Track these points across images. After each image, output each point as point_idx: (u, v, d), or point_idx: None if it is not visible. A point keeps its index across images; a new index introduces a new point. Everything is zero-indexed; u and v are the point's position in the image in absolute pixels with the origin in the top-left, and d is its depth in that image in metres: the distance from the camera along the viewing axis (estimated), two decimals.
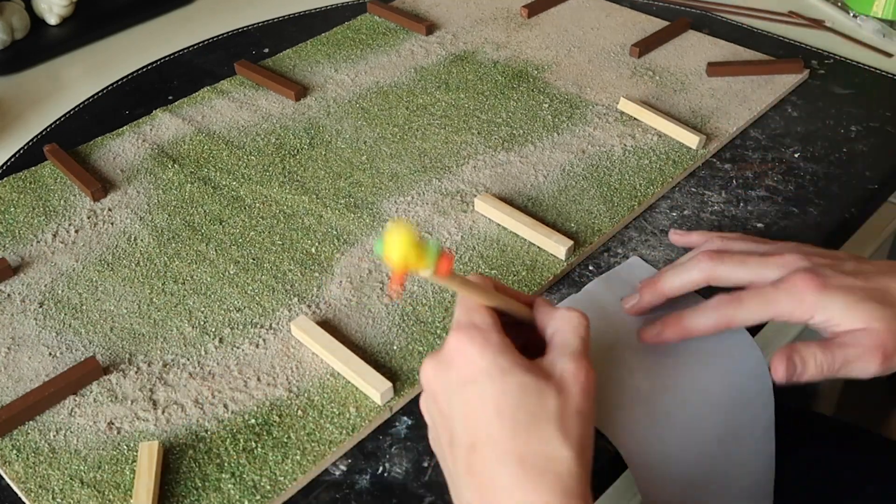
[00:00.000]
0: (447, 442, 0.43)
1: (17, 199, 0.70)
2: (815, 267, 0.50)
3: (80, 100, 0.83)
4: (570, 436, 0.40)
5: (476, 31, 0.90)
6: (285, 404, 0.53)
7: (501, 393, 0.40)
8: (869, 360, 0.48)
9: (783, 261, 0.51)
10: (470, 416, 0.41)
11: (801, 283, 0.49)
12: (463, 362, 0.42)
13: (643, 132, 0.74)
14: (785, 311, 0.49)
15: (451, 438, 0.42)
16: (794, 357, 0.48)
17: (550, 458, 0.39)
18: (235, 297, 0.60)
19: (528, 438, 0.40)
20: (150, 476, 0.48)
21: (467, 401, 0.41)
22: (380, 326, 0.58)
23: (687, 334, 0.52)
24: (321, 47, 0.88)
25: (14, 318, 0.59)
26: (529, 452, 0.39)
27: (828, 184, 0.69)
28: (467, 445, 0.41)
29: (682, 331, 0.52)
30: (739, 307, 0.50)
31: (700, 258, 0.53)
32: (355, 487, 0.49)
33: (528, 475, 0.39)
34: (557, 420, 0.40)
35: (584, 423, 0.41)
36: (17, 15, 0.91)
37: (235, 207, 0.68)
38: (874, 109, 0.78)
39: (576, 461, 0.40)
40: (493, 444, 0.40)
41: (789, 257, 0.51)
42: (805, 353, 0.48)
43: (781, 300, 0.49)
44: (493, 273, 0.61)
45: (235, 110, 0.79)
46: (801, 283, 0.49)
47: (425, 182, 0.70)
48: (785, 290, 0.49)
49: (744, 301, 0.50)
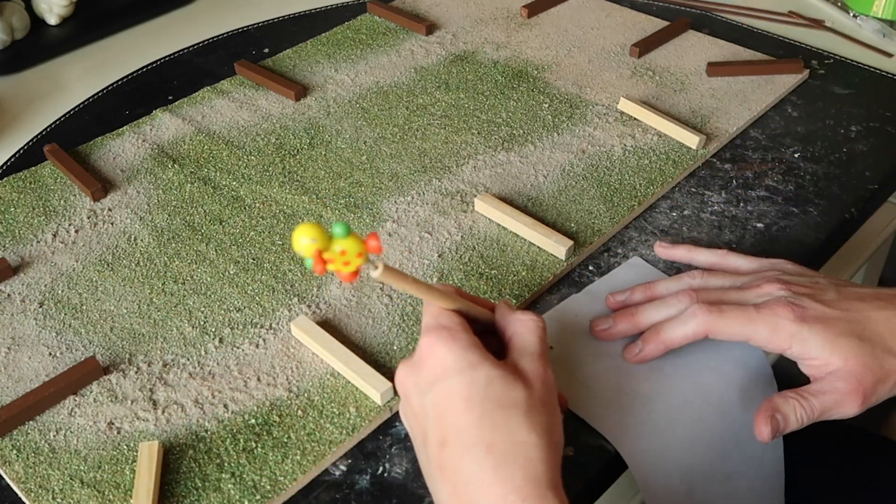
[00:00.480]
0: (421, 442, 0.44)
1: (17, 199, 0.70)
2: (794, 297, 0.50)
3: (80, 100, 0.83)
4: (538, 423, 0.41)
5: (476, 31, 0.90)
6: (285, 404, 0.53)
7: (469, 384, 0.42)
8: (848, 404, 0.48)
9: (761, 292, 0.51)
10: (441, 412, 0.42)
11: (780, 311, 0.49)
12: (433, 362, 0.43)
13: (643, 132, 0.74)
14: (762, 338, 0.49)
15: (425, 438, 0.43)
16: (776, 415, 0.49)
17: (518, 443, 0.40)
18: (235, 297, 0.60)
19: (495, 426, 0.41)
20: (150, 476, 0.48)
21: (437, 397, 0.42)
22: (380, 326, 0.58)
23: (667, 348, 0.52)
24: (321, 47, 0.88)
25: (14, 318, 0.59)
26: (498, 440, 0.40)
27: (828, 184, 0.69)
28: (438, 442, 0.42)
29: (662, 345, 0.52)
30: (720, 317, 0.50)
31: (695, 312, 0.51)
32: (355, 487, 0.49)
33: (497, 462, 0.40)
34: (524, 408, 0.41)
35: (551, 413, 0.42)
36: (17, 15, 0.91)
37: (235, 207, 0.68)
38: (874, 109, 0.78)
39: (545, 448, 0.40)
40: (461, 436, 0.41)
41: (768, 287, 0.51)
42: (785, 409, 0.49)
43: (760, 326, 0.49)
44: (493, 273, 0.61)
45: (235, 110, 0.79)
46: (780, 312, 0.49)
47: (425, 182, 0.70)
48: (763, 318, 0.49)
49: (726, 314, 0.50)
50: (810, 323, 0.48)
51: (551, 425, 0.42)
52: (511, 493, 0.39)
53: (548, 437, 0.41)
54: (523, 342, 0.46)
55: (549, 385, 0.44)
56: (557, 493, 0.40)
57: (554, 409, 0.43)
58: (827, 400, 0.48)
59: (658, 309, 0.53)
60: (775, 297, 0.50)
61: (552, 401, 0.43)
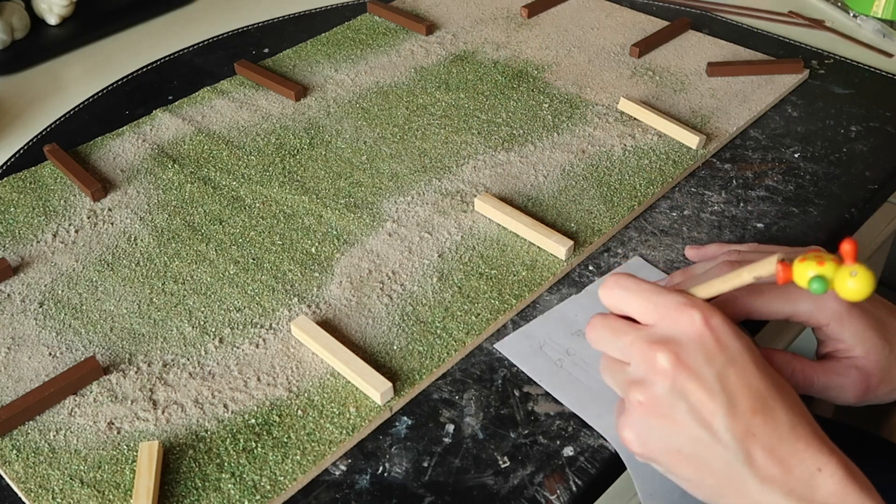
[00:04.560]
0: (709, 414, 0.42)
1: (17, 199, 0.70)
2: None
3: (80, 100, 0.83)
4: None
5: (476, 31, 0.90)
6: (285, 404, 0.53)
7: (754, 354, 0.43)
8: (850, 393, 0.49)
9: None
10: (743, 382, 0.42)
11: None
12: (720, 337, 0.43)
13: (643, 132, 0.74)
14: (804, 312, 0.49)
15: (720, 410, 0.42)
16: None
17: (800, 404, 0.43)
18: (235, 297, 0.60)
19: (785, 390, 0.43)
20: (150, 476, 0.48)
21: (737, 369, 0.43)
22: (380, 326, 0.58)
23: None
24: (321, 47, 0.88)
25: (14, 318, 0.59)
26: (792, 402, 0.43)
27: (828, 184, 0.69)
28: (749, 410, 0.42)
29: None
30: (759, 297, 0.49)
31: (722, 268, 0.52)
32: (355, 487, 0.49)
33: (804, 420, 0.42)
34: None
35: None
36: (17, 15, 0.91)
37: (235, 207, 0.68)
38: (874, 109, 0.78)
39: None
40: (767, 401, 0.42)
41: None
42: (780, 361, 0.49)
43: (802, 301, 0.49)
44: (493, 273, 0.61)
45: (235, 110, 0.79)
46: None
47: (425, 182, 0.70)
48: (807, 293, 0.49)
49: (764, 293, 0.50)
50: (849, 307, 0.49)
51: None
52: (823, 444, 0.41)
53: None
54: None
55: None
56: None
57: None
58: (833, 381, 0.49)
59: (699, 282, 0.53)
60: None
61: None
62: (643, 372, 0.44)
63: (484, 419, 0.52)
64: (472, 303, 0.59)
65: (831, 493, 0.40)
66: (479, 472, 0.49)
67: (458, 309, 0.58)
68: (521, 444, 0.51)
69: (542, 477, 0.49)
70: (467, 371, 0.55)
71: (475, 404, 0.53)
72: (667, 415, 0.43)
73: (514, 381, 0.54)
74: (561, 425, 0.52)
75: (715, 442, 0.42)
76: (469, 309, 0.58)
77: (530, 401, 0.53)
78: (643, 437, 0.44)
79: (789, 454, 0.41)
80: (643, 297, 0.44)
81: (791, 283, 0.47)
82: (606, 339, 0.46)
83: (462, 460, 0.50)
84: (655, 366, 0.43)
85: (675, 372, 0.42)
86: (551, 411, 0.52)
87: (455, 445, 0.51)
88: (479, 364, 0.56)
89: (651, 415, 0.43)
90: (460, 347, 0.56)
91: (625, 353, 0.45)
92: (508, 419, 0.52)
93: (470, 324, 0.57)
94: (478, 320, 0.58)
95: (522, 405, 0.53)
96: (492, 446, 0.51)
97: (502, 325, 0.58)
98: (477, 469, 0.49)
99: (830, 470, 0.41)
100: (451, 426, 0.52)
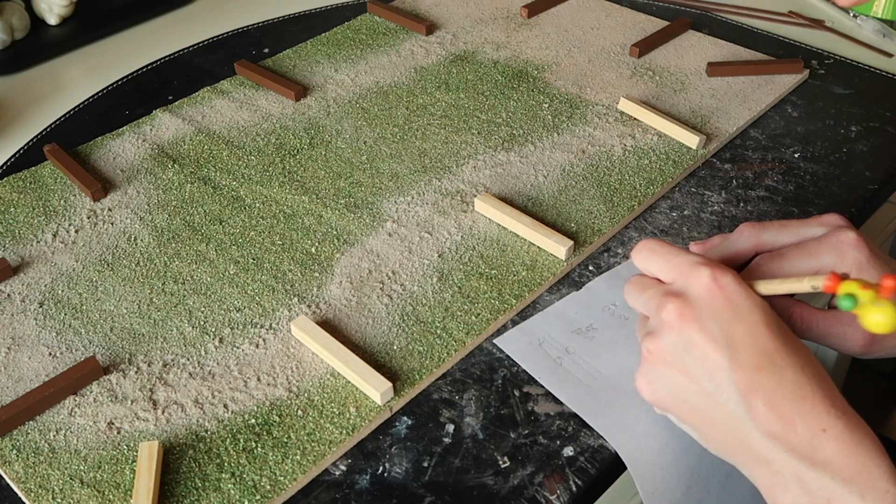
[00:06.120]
0: (712, 368, 0.43)
1: (17, 199, 0.70)
2: (855, 229, 0.51)
3: (80, 100, 0.83)
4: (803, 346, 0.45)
5: (476, 31, 0.90)
6: (285, 404, 0.53)
7: (767, 313, 0.44)
8: (855, 340, 0.50)
9: (824, 220, 0.52)
10: (752, 338, 0.43)
11: (845, 238, 0.49)
12: (729, 294, 0.44)
13: (643, 132, 0.74)
14: (828, 264, 0.49)
15: (722, 365, 0.43)
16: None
17: (816, 363, 0.43)
18: (235, 297, 0.60)
19: (798, 350, 0.43)
20: (150, 476, 0.48)
21: (744, 325, 0.43)
22: (380, 326, 0.58)
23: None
24: (321, 47, 0.88)
25: (14, 318, 0.59)
26: (805, 362, 0.43)
27: (828, 184, 0.69)
28: (752, 367, 0.42)
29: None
30: (783, 261, 0.50)
31: (742, 229, 0.53)
32: (355, 487, 0.49)
33: (811, 379, 0.42)
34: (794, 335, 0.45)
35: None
36: (17, 15, 0.91)
37: (235, 207, 0.68)
38: (874, 109, 0.78)
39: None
40: (774, 359, 0.42)
41: (829, 217, 0.52)
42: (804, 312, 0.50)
43: (825, 253, 0.49)
44: (493, 273, 0.61)
45: (235, 110, 0.79)
46: (845, 239, 0.49)
47: (425, 182, 0.70)
48: (829, 244, 0.49)
49: (786, 255, 0.50)
50: (874, 257, 0.49)
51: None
52: (832, 406, 0.42)
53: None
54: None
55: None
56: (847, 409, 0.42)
57: None
58: (837, 329, 0.50)
59: (724, 247, 0.54)
60: (838, 225, 0.51)
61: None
62: (656, 323, 0.45)
63: (484, 419, 0.52)
64: (472, 303, 0.59)
65: (834, 454, 0.41)
66: (479, 472, 0.49)
67: (458, 309, 0.58)
68: (521, 444, 0.51)
69: (542, 477, 0.49)
70: (467, 371, 0.55)
71: (475, 404, 0.53)
72: (674, 364, 0.44)
73: (514, 381, 0.54)
74: (561, 425, 0.52)
75: (719, 393, 0.43)
76: (469, 309, 0.58)
77: (530, 401, 0.53)
78: (653, 385, 0.46)
79: (792, 412, 0.41)
80: (664, 257, 0.47)
81: (813, 240, 0.50)
82: (634, 294, 0.49)
83: (462, 460, 0.50)
84: (664, 317, 0.44)
85: (681, 323, 0.44)
86: (551, 411, 0.52)
87: (455, 445, 0.51)
88: (479, 364, 0.56)
89: (660, 364, 0.45)
90: (460, 347, 0.56)
91: (647, 306, 0.47)
92: (508, 419, 0.52)
93: (470, 324, 0.57)
94: (478, 320, 0.58)
95: (522, 405, 0.53)
96: (492, 446, 0.51)
97: (502, 325, 0.58)
98: (477, 469, 0.50)
99: (835, 432, 0.41)
100: (451, 426, 0.52)
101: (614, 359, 0.55)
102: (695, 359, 0.43)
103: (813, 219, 0.53)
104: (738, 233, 0.53)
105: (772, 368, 0.42)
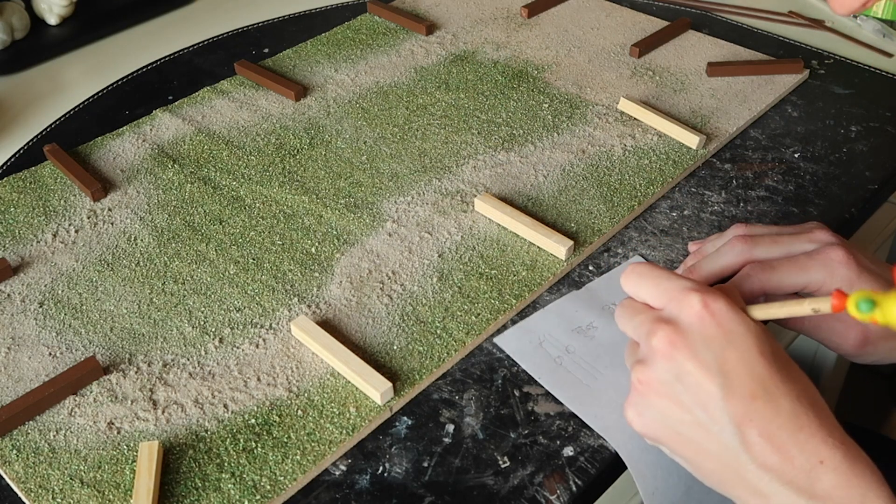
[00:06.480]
0: (705, 397, 0.42)
1: (17, 199, 0.70)
2: (845, 244, 0.51)
3: (80, 100, 0.83)
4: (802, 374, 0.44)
5: (476, 31, 0.90)
6: (285, 404, 0.53)
7: (763, 341, 0.42)
8: (848, 340, 0.50)
9: (814, 236, 0.52)
10: (746, 367, 0.42)
11: (835, 255, 0.49)
12: (722, 322, 0.43)
13: (643, 132, 0.74)
14: (817, 280, 0.49)
15: (716, 393, 0.42)
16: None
17: (813, 391, 0.42)
18: (235, 297, 0.60)
19: (794, 378, 0.42)
20: (150, 476, 0.48)
21: (738, 353, 0.42)
22: (380, 326, 0.58)
23: (707, 281, 0.53)
24: (321, 47, 0.88)
25: (14, 318, 0.59)
26: (801, 390, 0.42)
27: (828, 184, 0.69)
28: (748, 395, 0.41)
29: (701, 279, 0.53)
30: (773, 273, 0.50)
31: (734, 243, 0.53)
32: (355, 487, 0.49)
33: (809, 408, 0.41)
34: (789, 361, 0.43)
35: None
36: (17, 15, 0.91)
37: (235, 207, 0.68)
38: (874, 109, 0.78)
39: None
40: (769, 388, 0.41)
41: (819, 234, 0.52)
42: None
43: (815, 269, 0.49)
44: (493, 273, 0.61)
45: (235, 110, 0.79)
46: (835, 256, 0.49)
47: (425, 182, 0.70)
48: (819, 261, 0.49)
49: (777, 268, 0.50)
50: (864, 273, 0.49)
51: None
52: (829, 436, 0.40)
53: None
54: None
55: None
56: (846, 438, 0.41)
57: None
58: (828, 323, 0.50)
59: (714, 259, 0.54)
60: (828, 243, 0.51)
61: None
62: (646, 351, 0.44)
63: (484, 419, 0.52)
64: (472, 303, 0.59)
65: (833, 486, 0.40)
66: (479, 472, 0.49)
67: (458, 309, 0.58)
68: (521, 444, 0.51)
69: (542, 477, 0.49)
70: (467, 371, 0.55)
71: (475, 404, 0.53)
72: (665, 395, 0.43)
73: (514, 381, 0.54)
74: (561, 425, 0.52)
75: (712, 424, 0.42)
76: (469, 309, 0.58)
77: (530, 401, 0.53)
78: (644, 416, 0.45)
79: (789, 443, 0.40)
80: (654, 282, 0.46)
81: (803, 255, 0.49)
82: (624, 319, 0.47)
83: (462, 460, 0.50)
84: (655, 345, 0.43)
85: (672, 350, 0.42)
86: (551, 411, 0.52)
87: (455, 445, 0.51)
88: (479, 364, 0.56)
89: (650, 394, 0.44)
90: (460, 347, 0.56)
91: (637, 332, 0.46)
92: (508, 419, 0.52)
93: (470, 324, 0.57)
94: (478, 320, 0.58)
95: (522, 405, 0.53)
96: (492, 446, 0.51)
97: (502, 325, 0.58)
98: (477, 469, 0.50)
99: (834, 463, 0.40)
100: (451, 426, 0.52)
101: (615, 358, 0.55)
102: (687, 388, 0.42)
103: (803, 234, 0.52)
104: (729, 246, 0.53)
105: (766, 397, 0.41)
